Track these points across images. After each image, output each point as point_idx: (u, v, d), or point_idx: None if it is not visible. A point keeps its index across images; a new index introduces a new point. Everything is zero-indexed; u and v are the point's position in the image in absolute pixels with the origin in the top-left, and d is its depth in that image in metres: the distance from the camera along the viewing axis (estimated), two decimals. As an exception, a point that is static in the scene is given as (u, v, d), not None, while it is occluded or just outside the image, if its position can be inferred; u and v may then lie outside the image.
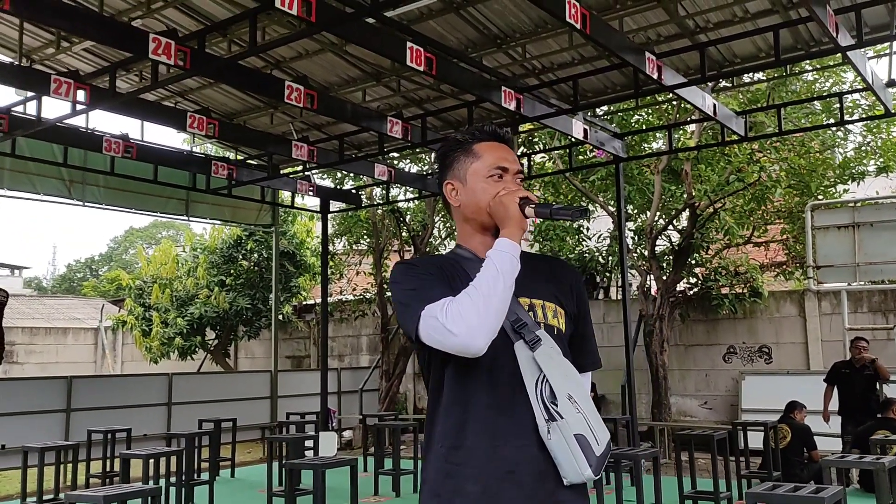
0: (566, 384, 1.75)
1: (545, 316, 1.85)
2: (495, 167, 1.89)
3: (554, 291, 1.91)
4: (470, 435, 1.74)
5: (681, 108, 11.44)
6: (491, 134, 1.97)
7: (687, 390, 13.64)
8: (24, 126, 8.05)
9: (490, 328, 1.67)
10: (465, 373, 1.75)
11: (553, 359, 1.78)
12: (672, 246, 13.08)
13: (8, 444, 8.75)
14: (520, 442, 1.74)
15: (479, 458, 1.72)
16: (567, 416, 1.71)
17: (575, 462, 1.71)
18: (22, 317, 23.69)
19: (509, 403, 1.75)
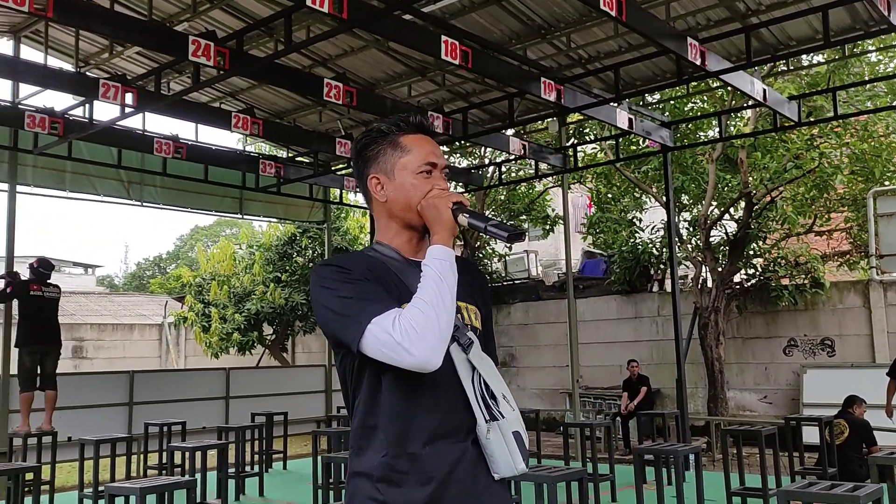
0: (499, 384, 1.78)
1: (469, 317, 1.85)
2: (425, 163, 1.82)
3: (470, 293, 1.88)
4: (412, 440, 1.72)
5: (736, 94, 11.10)
6: (418, 126, 1.86)
7: (745, 384, 13.28)
8: (78, 129, 8.32)
9: (445, 342, 1.66)
10: (405, 380, 1.71)
11: (483, 359, 1.79)
12: (728, 236, 12.74)
13: (74, 437, 9.07)
14: (459, 442, 1.75)
15: (423, 463, 1.71)
16: (507, 415, 1.75)
17: (510, 458, 1.74)
18: (91, 314, 24.62)
19: (449, 406, 1.75)
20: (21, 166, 9.95)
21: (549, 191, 15.77)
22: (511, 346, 16.31)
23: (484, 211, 15.07)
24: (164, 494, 4.72)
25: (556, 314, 15.60)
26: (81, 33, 9.28)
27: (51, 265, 8.98)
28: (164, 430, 8.86)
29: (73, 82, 7.67)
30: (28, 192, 10.34)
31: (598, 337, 14.95)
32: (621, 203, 14.78)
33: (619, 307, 14.87)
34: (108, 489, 4.77)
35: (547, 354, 15.72)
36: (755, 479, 6.98)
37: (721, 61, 7.09)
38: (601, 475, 7.42)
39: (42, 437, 8.35)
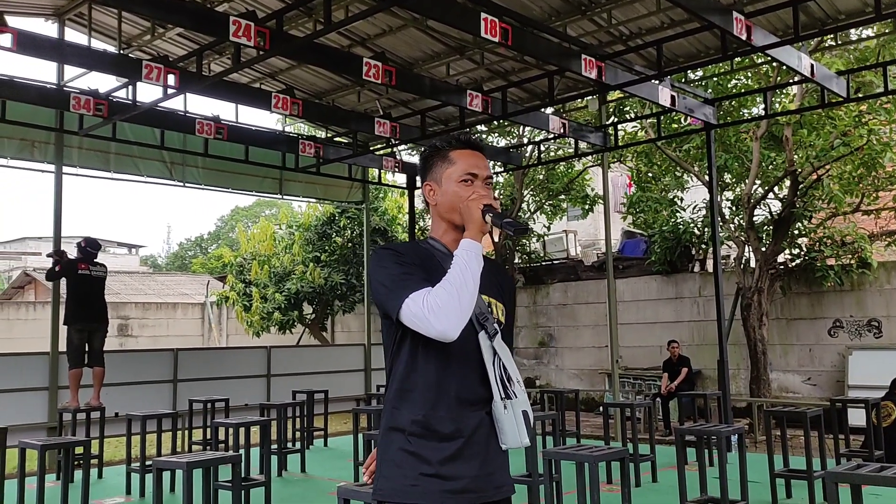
0: (513, 369, 2.14)
1: (496, 312, 2.19)
2: (466, 173, 2.16)
3: (499, 291, 2.25)
4: (443, 406, 2.09)
5: (781, 70, 10.83)
6: (465, 143, 2.22)
7: (789, 366, 13.07)
8: (122, 111, 8.45)
9: (464, 319, 1.99)
10: (437, 355, 2.07)
11: (504, 347, 2.14)
12: (772, 216, 12.49)
13: (121, 412, 9.28)
14: (478, 411, 2.11)
15: (448, 425, 2.08)
16: (520, 396, 2.12)
17: (518, 432, 2.10)
18: (136, 293, 25.15)
19: (472, 381, 2.11)
20: (67, 148, 10.15)
21: (589, 170, 15.61)
22: (550, 327, 16.27)
23: (522, 190, 14.99)
24: (209, 469, 4.82)
25: (595, 294, 15.51)
26: (124, 15, 9.40)
27: (98, 245, 9.16)
28: (208, 406, 9.02)
29: (117, 64, 7.77)
30: (74, 174, 10.55)
31: (638, 317, 14.83)
32: (662, 182, 14.56)
33: (660, 287, 14.72)
34: (156, 463, 4.88)
35: (586, 335, 15.65)
36: (799, 461, 6.88)
37: (767, 36, 6.91)
38: (642, 455, 7.38)
39: (90, 413, 8.57)
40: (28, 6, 9.87)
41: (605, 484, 6.85)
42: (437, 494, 2.04)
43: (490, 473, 2.10)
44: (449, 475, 2.05)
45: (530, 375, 16.23)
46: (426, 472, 2.05)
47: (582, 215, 16.60)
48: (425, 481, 2.05)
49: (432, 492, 2.04)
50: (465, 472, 2.06)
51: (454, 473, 2.05)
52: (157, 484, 4.79)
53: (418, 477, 2.05)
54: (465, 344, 2.07)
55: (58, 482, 7.35)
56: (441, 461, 2.05)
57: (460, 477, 2.06)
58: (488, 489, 2.09)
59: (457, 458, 2.06)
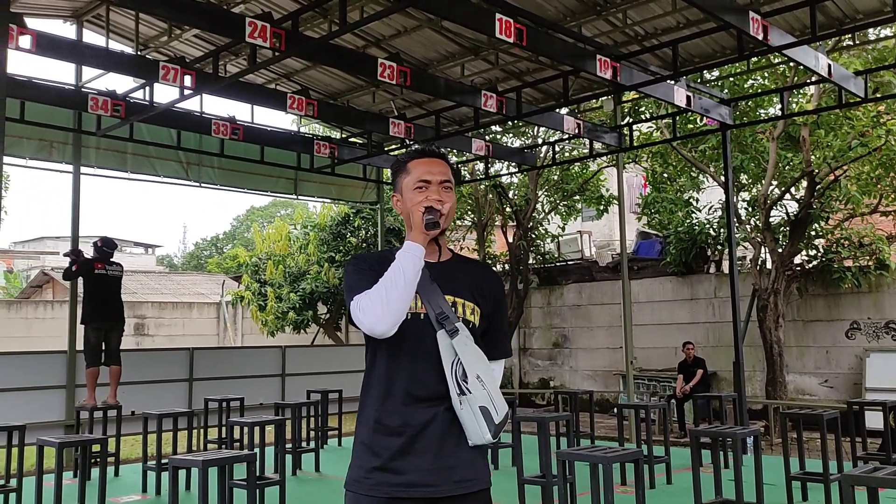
0: (476, 367, 2.18)
1: (464, 312, 2.25)
2: (419, 180, 2.27)
3: (474, 293, 2.30)
4: (393, 402, 2.19)
5: (798, 70, 10.75)
6: (420, 152, 2.34)
7: (806, 368, 12.98)
8: (139, 112, 8.52)
9: (391, 315, 2.10)
10: (395, 352, 2.20)
11: (467, 346, 2.19)
12: (788, 217, 12.40)
13: (137, 411, 9.35)
14: (432, 407, 2.18)
15: (398, 418, 2.17)
16: (475, 392, 2.16)
17: (479, 428, 2.16)
18: (152, 292, 25.32)
19: (426, 378, 2.19)
20: (84, 148, 10.24)
21: (603, 171, 15.57)
22: (564, 328, 16.23)
23: (537, 191, 14.97)
24: (224, 468, 4.85)
25: (610, 295, 15.46)
26: (141, 17, 9.47)
27: (114, 244, 9.23)
28: (223, 405, 9.07)
29: (134, 65, 7.84)
30: (91, 174, 10.64)
31: (653, 318, 14.77)
32: (677, 183, 14.49)
33: (675, 288, 14.65)
34: (172, 461, 4.92)
35: (600, 335, 15.60)
36: (815, 463, 6.82)
37: (784, 35, 6.87)
38: (656, 457, 7.35)
39: (107, 411, 8.64)
40: (46, 8, 9.97)
41: (619, 485, 6.84)
42: (386, 487, 2.14)
43: (448, 468, 2.16)
44: (398, 469, 2.14)
45: (544, 376, 16.20)
46: (376, 465, 2.16)
47: (596, 216, 16.55)
48: (376, 474, 2.16)
49: (382, 484, 2.15)
50: (416, 466, 2.14)
51: (403, 467, 2.14)
52: (172, 482, 4.83)
53: (371, 470, 2.17)
54: (422, 342, 2.19)
55: (75, 480, 7.42)
56: (391, 455, 2.15)
57: (410, 471, 2.14)
58: (443, 483, 2.15)
59: (407, 452, 2.15)
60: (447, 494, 2.16)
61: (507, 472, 8.24)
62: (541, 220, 15.82)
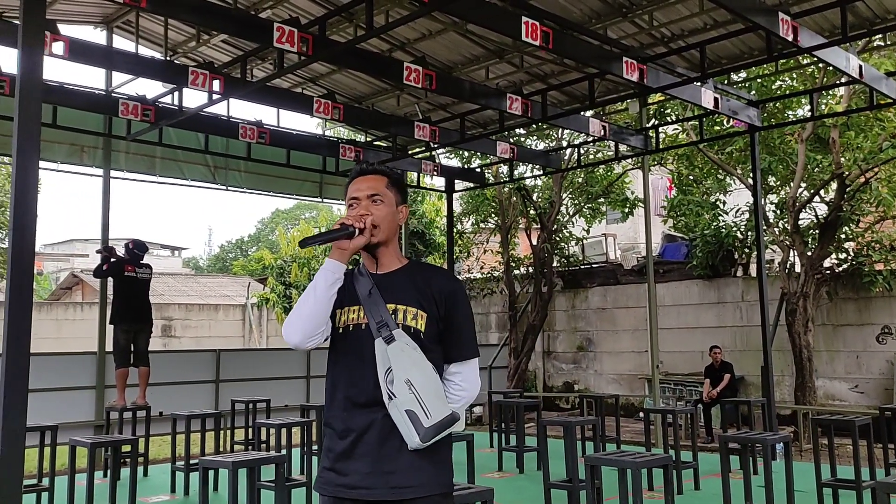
0: (408, 372, 2.23)
1: (405, 318, 2.31)
2: (350, 198, 2.40)
3: (419, 298, 2.34)
4: (335, 407, 2.33)
5: (828, 71, 10.63)
6: (355, 172, 2.45)
7: (836, 373, 12.79)
8: (168, 116, 8.62)
9: (301, 328, 2.27)
10: (339, 362, 2.34)
11: (403, 351, 2.25)
12: (818, 219, 12.24)
13: (164, 412, 9.47)
14: (370, 412, 2.26)
15: (340, 424, 2.30)
16: (400, 396, 2.22)
17: (408, 431, 2.21)
18: (179, 294, 25.58)
19: (365, 385, 2.28)
20: (114, 152, 10.40)
21: (628, 173, 15.47)
22: (588, 331, 16.15)
23: (561, 193, 14.91)
24: (254, 469, 4.88)
25: (635, 298, 15.36)
26: (170, 22, 9.59)
27: (144, 247, 9.34)
28: (250, 406, 9.14)
29: (164, 70, 7.94)
30: (121, 177, 10.79)
31: (679, 322, 14.65)
32: (704, 185, 14.37)
33: (701, 292, 14.52)
34: (202, 462, 4.97)
35: (625, 339, 15.50)
36: (846, 470, 6.73)
37: (814, 36, 6.79)
38: (684, 462, 7.29)
39: (136, 412, 8.74)
40: (78, 15, 10.12)
41: (646, 491, 6.78)
42: (332, 486, 2.28)
43: (387, 472, 2.23)
44: (341, 470, 2.27)
45: (568, 380, 16.13)
46: (326, 466, 2.32)
47: (621, 219, 16.46)
48: (325, 473, 2.31)
49: (329, 483, 2.29)
50: (355, 469, 2.25)
51: (345, 469, 2.26)
52: (203, 483, 4.87)
53: (322, 469, 2.33)
54: (362, 351, 2.29)
55: (105, 479, 7.51)
56: (335, 457, 2.29)
57: (350, 473, 2.25)
58: (379, 488, 2.22)
59: (349, 455, 2.27)
60: (382, 499, 2.23)
61: (532, 475, 8.22)
62: (565, 223, 15.76)
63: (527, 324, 14.92)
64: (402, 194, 2.46)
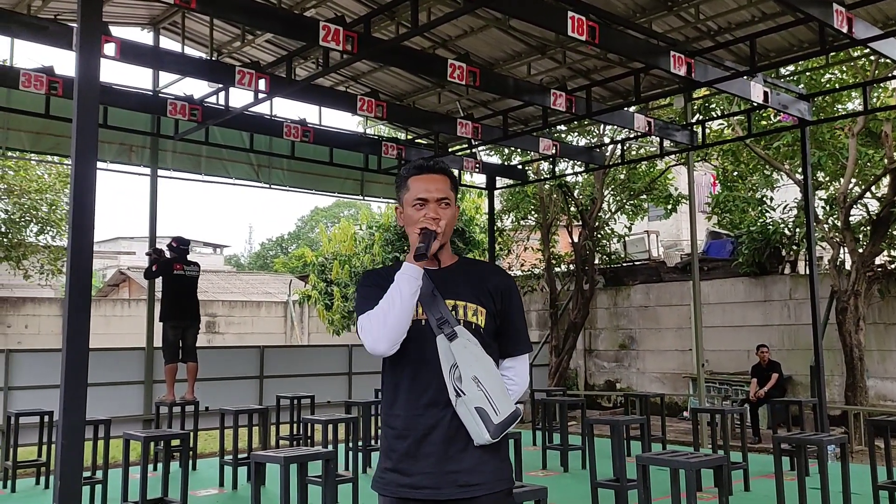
0: (473, 368, 2.22)
1: (465, 314, 2.30)
2: (416, 198, 2.34)
3: (477, 294, 2.33)
4: (398, 406, 2.30)
5: (880, 63, 10.36)
6: (419, 168, 2.39)
7: (888, 372, 12.47)
8: (215, 116, 8.73)
9: (388, 337, 2.21)
10: (399, 360, 2.29)
11: (466, 348, 2.24)
12: (869, 215, 11.94)
13: (210, 407, 9.62)
14: (434, 412, 2.24)
15: (403, 423, 2.28)
16: (469, 393, 2.20)
17: (478, 428, 2.20)
18: (222, 291, 25.96)
19: (428, 382, 2.26)
20: (161, 151, 10.56)
21: (671, 169, 15.27)
22: (631, 329, 15.99)
23: (603, 190, 14.78)
24: (304, 464, 4.93)
25: (678, 296, 15.16)
26: (215, 23, 9.72)
27: (187, 241, 9.46)
28: (295, 402, 9.24)
29: (211, 70, 8.04)
30: (168, 176, 10.96)
31: (724, 320, 14.42)
32: (750, 181, 14.10)
33: (747, 290, 14.27)
34: (254, 457, 5.03)
35: (669, 337, 15.31)
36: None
37: (869, 28, 6.62)
38: (734, 463, 7.18)
39: (185, 406, 8.88)
40: (126, 17, 10.32)
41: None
42: (395, 487, 2.26)
43: (453, 471, 2.21)
44: (405, 471, 2.24)
45: (610, 378, 15.99)
46: (388, 467, 2.29)
47: (664, 215, 16.25)
48: (388, 474, 2.29)
49: (392, 483, 2.27)
50: (420, 469, 2.22)
51: (409, 469, 2.23)
52: (256, 477, 4.94)
53: (384, 470, 2.31)
54: (423, 348, 2.26)
55: (156, 473, 7.66)
56: (399, 457, 2.26)
57: (415, 473, 2.23)
58: (446, 487, 2.20)
59: (413, 455, 2.24)
60: (450, 497, 2.22)
61: (577, 474, 8.17)
62: (607, 220, 15.61)
63: (568, 321, 14.82)
64: (457, 193, 2.46)
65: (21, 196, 16.82)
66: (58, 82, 7.46)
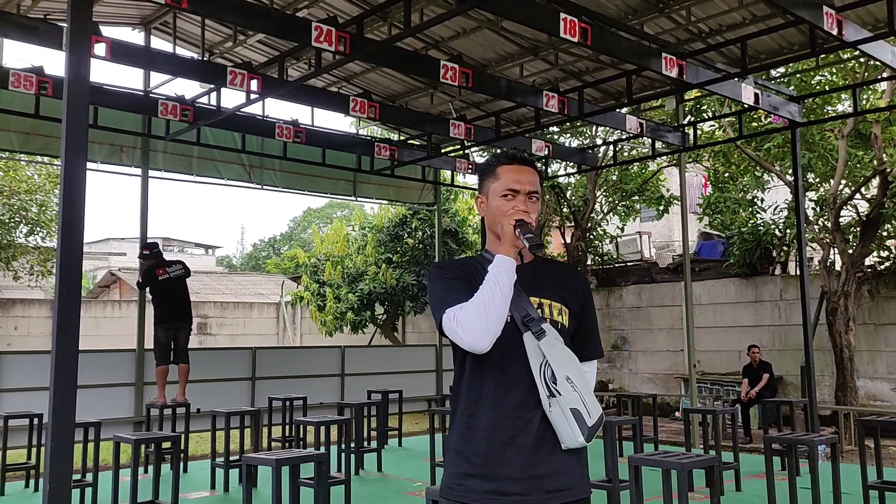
0: (565, 368, 2.11)
1: (551, 313, 2.21)
2: (507, 188, 2.23)
3: (560, 293, 2.25)
4: (483, 407, 2.14)
5: (869, 65, 10.42)
6: (511, 158, 2.28)
7: (877, 373, 12.54)
8: (206, 116, 8.71)
9: (490, 332, 2.05)
10: (483, 358, 2.12)
11: (555, 347, 2.13)
12: (859, 217, 12.01)
13: (202, 409, 9.58)
14: (523, 413, 2.11)
15: (488, 425, 2.12)
16: (564, 394, 2.08)
17: (571, 431, 2.08)
18: (214, 292, 25.88)
19: (516, 382, 2.13)
20: (152, 152, 10.52)
21: (663, 170, 15.31)
22: (623, 329, 16.02)
23: (595, 191, 14.82)
24: (296, 467, 4.91)
25: (670, 297, 15.20)
26: (207, 23, 9.69)
27: (154, 244, 9.40)
28: (287, 404, 9.21)
29: (203, 71, 8.01)
30: (159, 177, 10.91)
31: (715, 321, 14.47)
32: (741, 182, 14.16)
33: (739, 290, 14.32)
34: (245, 459, 5.01)
35: (660, 338, 15.35)
36: (893, 472, 6.60)
37: (859, 30, 6.65)
38: (725, 463, 7.19)
39: (176, 408, 8.85)
40: (117, 17, 10.27)
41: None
42: (478, 494, 2.10)
43: (540, 476, 2.09)
44: (489, 476, 2.09)
45: (603, 379, 16.01)
46: (468, 472, 2.12)
47: (656, 216, 16.29)
48: (468, 480, 2.12)
49: (474, 490, 2.11)
50: (506, 474, 2.08)
51: (494, 474, 2.09)
52: (247, 479, 4.92)
53: (463, 476, 2.13)
54: (508, 346, 2.12)
55: (146, 475, 7.63)
56: (482, 461, 2.11)
57: (500, 478, 2.08)
58: (534, 493, 2.08)
59: (497, 459, 2.10)
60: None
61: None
62: (599, 221, 15.64)
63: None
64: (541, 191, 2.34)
65: (11, 197, 16.72)
66: (48, 82, 7.42)
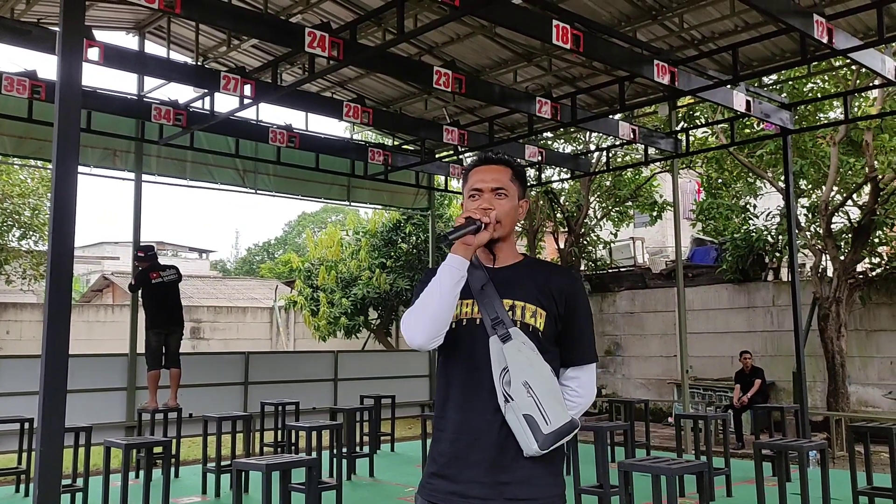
0: (524, 373, 2.08)
1: (523, 315, 2.16)
2: (472, 189, 2.25)
3: (537, 295, 2.19)
4: (449, 409, 2.17)
5: (861, 73, 10.48)
6: (478, 160, 2.32)
7: (869, 379, 12.59)
8: (200, 121, 8.71)
9: (427, 330, 2.07)
10: (450, 359, 2.19)
11: (521, 351, 2.10)
12: (851, 223, 12.07)
13: (194, 413, 9.55)
14: (485, 416, 2.11)
15: (452, 426, 2.15)
16: (517, 399, 2.06)
17: (525, 437, 2.05)
18: (207, 296, 25.83)
19: (479, 385, 2.13)
20: (146, 156, 10.50)
21: (656, 176, 15.37)
22: (616, 335, 16.05)
23: (589, 197, 14.85)
24: (286, 472, 4.91)
25: (663, 302, 15.24)
26: (201, 27, 9.69)
27: (150, 247, 9.42)
28: (279, 409, 9.20)
29: (196, 75, 8.01)
30: (152, 181, 10.90)
31: (708, 327, 14.51)
32: (733, 188, 14.22)
33: (731, 296, 14.37)
34: (236, 464, 5.01)
35: (653, 344, 15.38)
36: (883, 478, 6.62)
37: (849, 38, 6.69)
38: (716, 469, 7.20)
39: (167, 413, 8.82)
40: (111, 21, 10.27)
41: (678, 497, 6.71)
42: (442, 494, 2.13)
43: (502, 483, 2.07)
44: (453, 477, 2.12)
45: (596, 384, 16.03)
46: (434, 471, 2.17)
47: (650, 222, 16.34)
48: (434, 480, 2.16)
49: (438, 490, 2.14)
50: (469, 477, 2.09)
51: (457, 476, 2.11)
52: (237, 484, 4.91)
53: (430, 475, 2.18)
54: (475, 349, 2.14)
55: (137, 480, 7.60)
56: (446, 462, 2.14)
57: (463, 480, 2.10)
58: (495, 499, 2.07)
59: (461, 460, 2.11)
60: None
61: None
62: (592, 227, 15.68)
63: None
64: (523, 187, 2.31)
65: (3, 200, 16.68)
66: (41, 86, 7.42)
